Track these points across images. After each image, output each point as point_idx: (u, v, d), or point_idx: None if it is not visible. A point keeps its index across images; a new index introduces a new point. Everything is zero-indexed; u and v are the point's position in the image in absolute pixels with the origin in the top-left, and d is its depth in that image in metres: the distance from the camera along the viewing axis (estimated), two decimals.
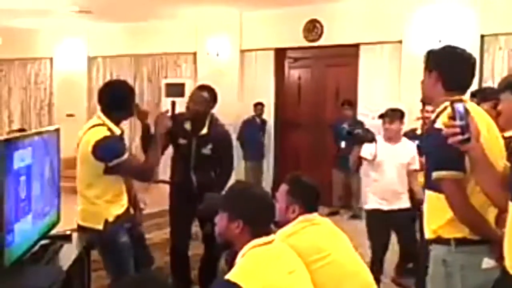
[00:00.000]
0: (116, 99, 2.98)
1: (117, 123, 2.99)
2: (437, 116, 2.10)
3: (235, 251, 1.92)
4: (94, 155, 2.84)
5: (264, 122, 7.81)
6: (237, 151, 7.25)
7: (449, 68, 2.12)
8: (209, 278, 3.63)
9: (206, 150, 3.63)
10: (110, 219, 2.93)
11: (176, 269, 3.82)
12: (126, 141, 3.66)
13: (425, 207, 2.21)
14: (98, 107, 3.05)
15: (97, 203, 2.94)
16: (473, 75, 2.17)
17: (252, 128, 7.63)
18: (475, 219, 2.02)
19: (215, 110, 3.75)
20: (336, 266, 2.20)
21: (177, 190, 3.83)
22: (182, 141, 3.66)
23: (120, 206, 3.02)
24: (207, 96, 3.61)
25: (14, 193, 2.44)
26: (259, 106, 7.68)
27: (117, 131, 2.97)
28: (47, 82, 10.45)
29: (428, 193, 2.16)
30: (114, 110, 2.98)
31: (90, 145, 2.84)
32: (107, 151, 2.85)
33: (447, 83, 2.11)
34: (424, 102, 2.22)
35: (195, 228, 3.94)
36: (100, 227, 2.91)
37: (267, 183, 7.59)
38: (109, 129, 2.90)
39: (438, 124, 2.02)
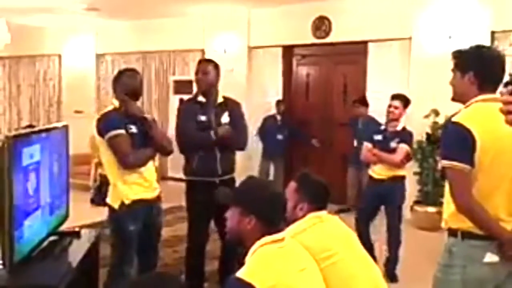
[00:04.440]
0: (127, 88, 3.13)
1: None
2: (457, 113, 2.18)
3: (245, 248, 1.90)
4: (97, 132, 2.99)
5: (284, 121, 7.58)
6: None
7: (484, 69, 2.19)
8: (227, 274, 3.61)
9: (225, 118, 3.63)
10: (126, 202, 2.98)
11: (191, 266, 3.80)
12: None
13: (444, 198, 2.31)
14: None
15: (117, 184, 3.01)
16: (504, 71, 2.26)
17: (271, 126, 7.51)
18: (474, 210, 2.08)
19: None
20: (343, 265, 2.17)
21: (197, 180, 3.65)
22: (202, 117, 3.60)
23: (141, 191, 3.06)
24: (212, 67, 3.66)
25: (23, 189, 2.45)
26: (280, 103, 7.52)
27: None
28: (56, 79, 10.49)
29: (446, 183, 2.24)
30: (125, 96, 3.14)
31: (95, 125, 3.01)
32: (104, 123, 2.99)
33: (483, 83, 2.18)
34: (455, 100, 2.29)
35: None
36: (116, 206, 3.01)
37: (277, 181, 7.55)
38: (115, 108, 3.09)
39: (455, 118, 2.14)
